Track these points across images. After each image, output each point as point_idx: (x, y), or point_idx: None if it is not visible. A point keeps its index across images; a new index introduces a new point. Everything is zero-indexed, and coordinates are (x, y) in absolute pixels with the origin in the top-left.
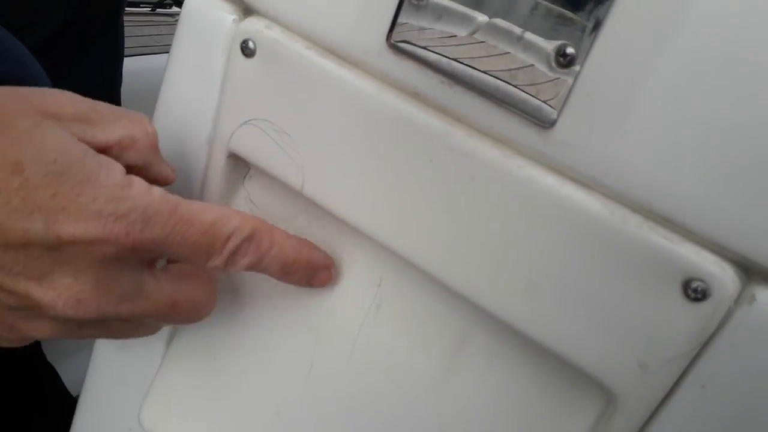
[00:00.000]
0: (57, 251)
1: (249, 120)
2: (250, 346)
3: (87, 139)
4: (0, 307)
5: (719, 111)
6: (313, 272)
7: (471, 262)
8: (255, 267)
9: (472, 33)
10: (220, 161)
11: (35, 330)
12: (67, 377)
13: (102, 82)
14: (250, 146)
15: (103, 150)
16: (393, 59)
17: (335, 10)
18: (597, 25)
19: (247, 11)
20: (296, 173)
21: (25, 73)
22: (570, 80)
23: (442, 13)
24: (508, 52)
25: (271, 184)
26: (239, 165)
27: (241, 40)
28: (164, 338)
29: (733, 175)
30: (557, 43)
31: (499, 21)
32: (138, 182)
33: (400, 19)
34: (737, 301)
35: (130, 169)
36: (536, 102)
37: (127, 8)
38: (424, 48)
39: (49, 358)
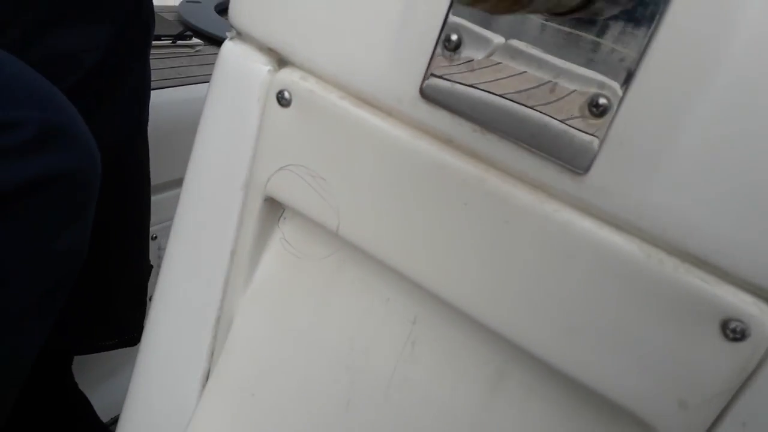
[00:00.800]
0: None
1: (285, 165)
2: (287, 383)
3: None
4: None
5: (753, 154)
6: None
7: (508, 303)
8: None
9: (504, 81)
10: (256, 204)
11: None
12: (97, 404)
13: (132, 118)
14: (286, 190)
15: None
16: (426, 108)
17: (369, 60)
18: (629, 77)
19: (282, 62)
20: (332, 216)
21: (65, 119)
22: (604, 128)
23: (474, 65)
24: (542, 102)
25: (305, 225)
26: (275, 207)
27: (276, 90)
28: (200, 376)
29: None
30: (591, 93)
31: (532, 71)
32: None
33: (433, 70)
34: None
35: None
36: (570, 149)
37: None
38: (457, 96)
39: (81, 386)
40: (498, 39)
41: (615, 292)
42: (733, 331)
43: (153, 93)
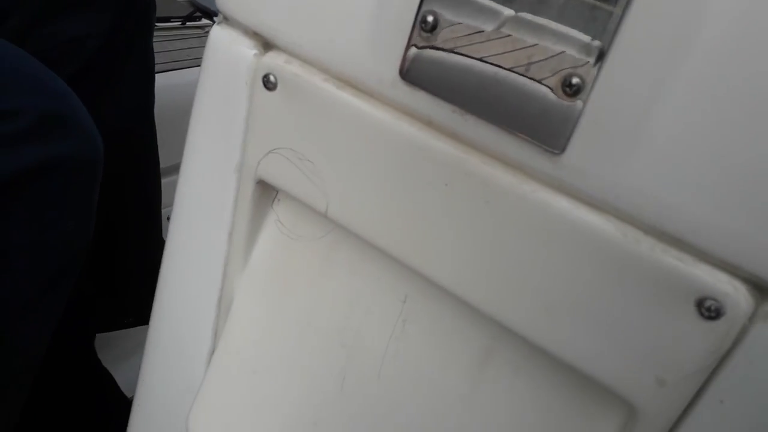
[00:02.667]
0: None
1: (274, 149)
2: (286, 361)
3: None
4: None
5: (729, 135)
6: None
7: (489, 282)
8: None
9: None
10: (249, 187)
11: None
12: (121, 380)
13: (137, 103)
14: (276, 173)
15: None
16: (406, 90)
17: (350, 43)
18: (602, 56)
19: (267, 46)
20: (320, 198)
21: (65, 107)
22: (578, 108)
23: (450, 45)
24: (518, 83)
25: (299, 206)
26: (267, 190)
27: (262, 74)
28: (206, 354)
29: (744, 196)
30: (564, 72)
31: (506, 51)
32: None
33: (410, 52)
34: (752, 318)
35: None
36: (546, 129)
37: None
38: (435, 78)
39: (104, 363)
40: (472, 20)
41: (592, 271)
42: (708, 310)
43: (163, 75)
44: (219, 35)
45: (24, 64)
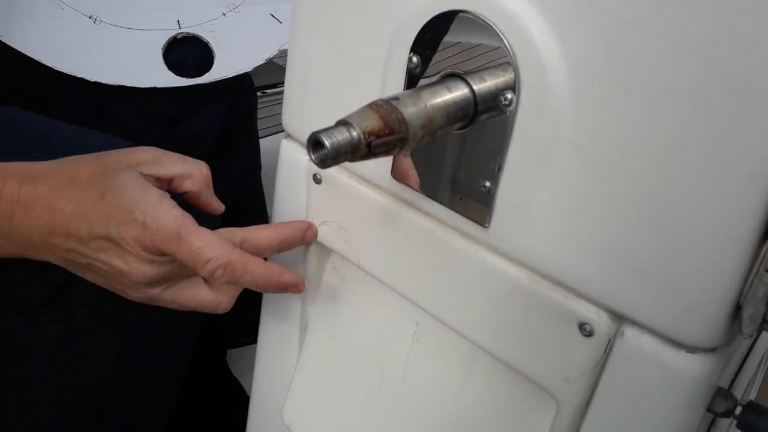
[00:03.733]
0: (123, 243)
1: (324, 221)
2: (344, 367)
3: (153, 174)
4: (98, 273)
5: (584, 218)
6: (284, 288)
7: (456, 310)
8: (233, 283)
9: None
10: (311, 246)
11: (125, 291)
12: (248, 387)
13: (246, 174)
14: (326, 237)
15: (168, 180)
16: (396, 185)
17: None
18: (499, 169)
19: None
20: (353, 253)
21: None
22: (493, 200)
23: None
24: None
25: (344, 259)
26: (325, 247)
27: (313, 173)
28: (294, 361)
29: (600, 258)
30: (480, 181)
31: (437, 169)
32: (166, 203)
33: (393, 166)
34: (615, 335)
35: (189, 196)
36: (478, 213)
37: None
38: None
39: (234, 373)
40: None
41: (516, 303)
42: (586, 330)
43: (270, 138)
44: (285, 146)
45: None
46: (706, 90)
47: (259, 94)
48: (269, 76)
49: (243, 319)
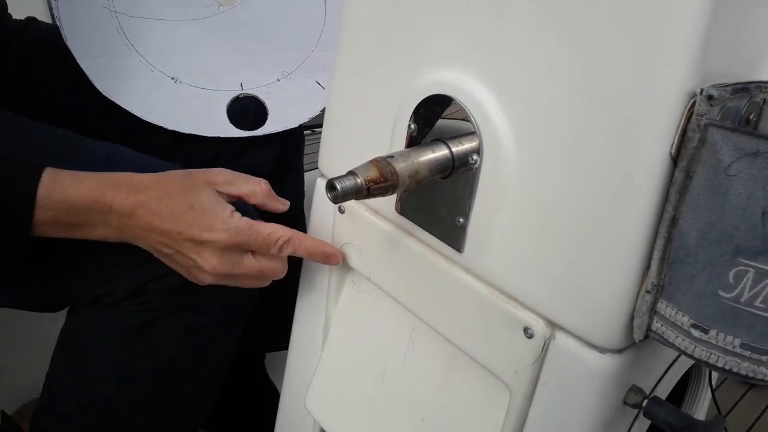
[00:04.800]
0: (202, 243)
1: (345, 243)
2: (357, 361)
3: (226, 192)
4: (177, 262)
5: (534, 247)
6: (326, 257)
7: (439, 316)
8: (294, 253)
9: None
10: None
11: (197, 277)
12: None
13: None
14: (347, 255)
15: (237, 197)
16: (400, 216)
17: None
18: (469, 209)
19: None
20: (365, 269)
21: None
22: (465, 232)
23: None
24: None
25: (359, 274)
26: (345, 265)
27: (338, 205)
28: (317, 359)
29: (540, 279)
30: (455, 218)
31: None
32: (236, 214)
33: (398, 202)
34: (549, 338)
35: (257, 206)
36: (455, 240)
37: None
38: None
39: (270, 376)
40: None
41: (480, 312)
42: (528, 333)
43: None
44: (320, 183)
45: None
46: (603, 177)
47: (307, 132)
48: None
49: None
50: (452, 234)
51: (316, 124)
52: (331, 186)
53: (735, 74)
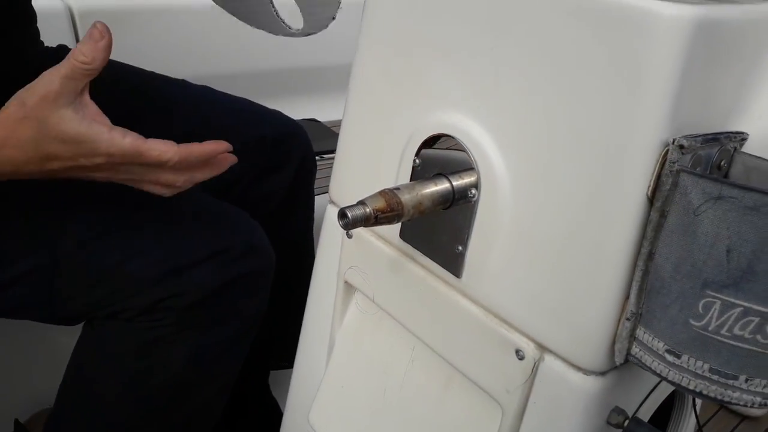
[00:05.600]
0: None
1: (351, 266)
2: (359, 378)
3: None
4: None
5: (526, 275)
6: (214, 152)
7: (440, 338)
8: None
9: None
10: (341, 284)
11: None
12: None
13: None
14: (352, 278)
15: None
16: (402, 242)
17: None
18: (467, 238)
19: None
20: (370, 291)
21: (256, 238)
22: (464, 259)
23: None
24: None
25: (364, 296)
26: (351, 287)
27: (345, 232)
28: (321, 376)
29: (531, 304)
30: (455, 245)
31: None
32: (114, 132)
33: (401, 229)
34: (539, 360)
35: None
36: (454, 265)
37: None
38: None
39: (274, 393)
40: None
41: (476, 334)
42: (519, 355)
43: (322, 196)
44: (329, 209)
45: (229, 210)
46: (587, 215)
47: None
48: (326, 142)
49: (284, 345)
50: (452, 261)
51: (325, 150)
52: (342, 214)
53: (708, 125)
